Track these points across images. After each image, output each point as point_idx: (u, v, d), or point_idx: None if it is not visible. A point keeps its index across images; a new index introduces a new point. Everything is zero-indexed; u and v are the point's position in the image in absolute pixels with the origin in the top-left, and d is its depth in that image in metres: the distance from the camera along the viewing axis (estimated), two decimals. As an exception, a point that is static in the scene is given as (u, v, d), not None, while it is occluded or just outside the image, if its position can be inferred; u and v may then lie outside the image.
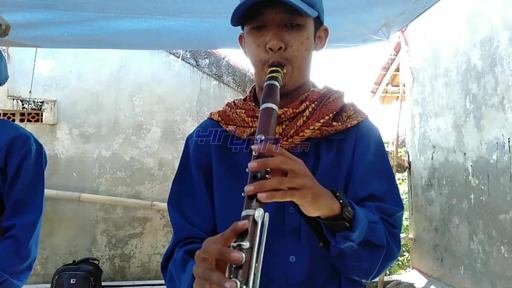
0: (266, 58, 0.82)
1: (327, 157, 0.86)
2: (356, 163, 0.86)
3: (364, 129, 0.90)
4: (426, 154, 3.79)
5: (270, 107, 0.72)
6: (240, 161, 0.88)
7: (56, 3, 1.44)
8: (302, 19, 0.81)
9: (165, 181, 3.78)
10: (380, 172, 0.86)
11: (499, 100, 2.78)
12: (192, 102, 3.90)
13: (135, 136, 3.80)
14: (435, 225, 3.65)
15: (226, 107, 0.97)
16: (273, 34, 0.80)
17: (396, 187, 0.88)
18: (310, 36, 0.85)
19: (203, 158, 0.92)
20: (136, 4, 1.52)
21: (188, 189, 0.91)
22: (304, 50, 0.83)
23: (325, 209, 0.68)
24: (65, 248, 3.62)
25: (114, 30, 1.67)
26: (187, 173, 0.93)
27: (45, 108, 3.64)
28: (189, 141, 0.97)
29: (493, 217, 2.86)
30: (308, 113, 0.86)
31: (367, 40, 2.20)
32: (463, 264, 3.22)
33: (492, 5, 2.80)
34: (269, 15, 0.80)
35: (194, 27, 1.81)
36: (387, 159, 0.90)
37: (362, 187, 0.83)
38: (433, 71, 3.63)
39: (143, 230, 3.74)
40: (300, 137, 0.85)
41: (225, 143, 0.92)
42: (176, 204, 0.91)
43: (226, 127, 0.92)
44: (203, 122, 1.00)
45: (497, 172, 2.81)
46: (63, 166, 3.66)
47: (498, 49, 2.76)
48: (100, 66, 3.79)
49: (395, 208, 0.82)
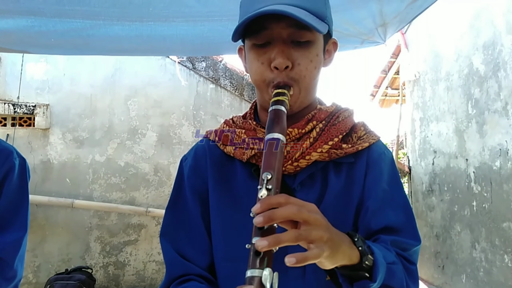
0: (271, 78, 0.73)
1: (336, 183, 0.78)
2: (369, 191, 0.77)
3: (376, 152, 0.81)
4: (427, 159, 3.72)
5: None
6: (240, 187, 0.80)
7: (42, 10, 1.36)
8: (311, 35, 0.72)
9: (161, 187, 3.70)
10: (395, 202, 0.78)
11: (502, 106, 2.71)
12: (189, 106, 3.82)
13: (130, 141, 3.71)
14: (436, 232, 3.59)
15: (224, 126, 0.88)
16: (279, 51, 0.71)
17: (413, 218, 0.79)
18: (319, 52, 0.76)
19: (199, 183, 0.83)
20: (126, 11, 1.44)
21: (182, 218, 0.83)
22: (313, 69, 0.74)
23: (344, 260, 0.60)
24: (58, 256, 3.53)
25: (104, 37, 1.59)
26: (181, 200, 0.84)
27: (38, 112, 3.55)
28: (184, 164, 0.88)
29: (496, 225, 2.79)
30: (315, 133, 0.77)
31: (365, 41, 2.13)
32: (465, 272, 3.15)
33: (495, 8, 2.73)
34: (274, 30, 0.71)
35: (188, 31, 1.73)
36: (401, 186, 0.82)
37: (376, 218, 0.75)
38: (434, 75, 3.57)
39: (138, 237, 3.66)
40: (306, 161, 0.76)
41: (223, 166, 0.83)
42: (169, 236, 0.82)
43: (224, 148, 0.83)
44: (198, 143, 0.91)
45: (500, 179, 2.74)
46: (56, 171, 3.58)
47: (502, 53, 2.69)
48: (94, 69, 3.70)
49: (412, 242, 0.75)
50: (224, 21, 1.64)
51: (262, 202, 0.54)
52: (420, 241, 0.77)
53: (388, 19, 1.86)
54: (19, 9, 1.40)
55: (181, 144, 3.76)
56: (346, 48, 2.26)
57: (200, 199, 0.82)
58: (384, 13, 1.79)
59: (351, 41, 2.10)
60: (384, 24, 1.92)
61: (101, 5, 1.43)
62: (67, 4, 1.33)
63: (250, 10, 0.70)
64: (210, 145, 0.87)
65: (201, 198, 0.82)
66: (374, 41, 2.11)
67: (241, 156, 0.80)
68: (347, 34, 1.99)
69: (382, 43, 2.12)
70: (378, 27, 1.96)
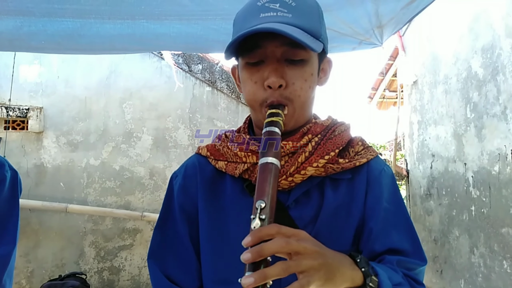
0: (264, 97, 0.71)
1: (333, 200, 0.75)
2: (371, 211, 0.75)
3: (376, 170, 0.78)
4: (425, 162, 3.69)
5: (270, 163, 0.61)
6: (230, 204, 0.77)
7: (31, 9, 1.32)
8: (306, 53, 0.70)
9: (156, 191, 3.66)
10: (398, 221, 0.75)
11: (501, 110, 2.68)
12: (185, 109, 3.78)
13: (125, 144, 3.67)
14: (434, 236, 3.56)
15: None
16: (272, 69, 0.69)
17: (417, 238, 0.77)
18: (314, 71, 0.73)
19: (188, 203, 0.81)
20: (118, 9, 1.40)
21: (170, 239, 0.80)
22: (308, 88, 0.72)
23: (346, 282, 0.58)
24: (52, 261, 3.48)
25: (95, 35, 1.56)
26: (170, 220, 0.81)
27: (31, 116, 3.50)
28: (173, 181, 0.85)
29: (495, 230, 2.76)
30: (310, 147, 0.75)
31: (362, 43, 2.10)
32: (464, 277, 3.12)
33: (494, 12, 2.71)
34: (268, 48, 0.69)
35: (181, 29, 1.70)
36: (403, 203, 0.79)
37: (380, 240, 0.72)
38: (432, 78, 3.54)
39: (133, 242, 3.61)
40: (301, 176, 0.73)
41: (213, 182, 0.80)
42: (156, 258, 0.79)
43: (216, 163, 0.81)
44: (189, 159, 0.88)
45: (499, 184, 2.72)
46: (50, 175, 3.52)
47: (500, 57, 2.67)
48: (89, 72, 3.65)
49: (418, 262, 0.73)
50: (218, 20, 1.62)
51: (252, 234, 0.52)
52: (426, 261, 0.75)
53: (384, 20, 1.83)
54: (6, 9, 1.36)
55: (177, 147, 3.72)
56: (344, 48, 2.23)
57: (189, 219, 0.80)
58: (380, 14, 1.77)
59: (348, 41, 2.08)
60: (381, 26, 1.90)
61: (92, 3, 1.40)
62: (57, 3, 1.30)
63: (243, 28, 0.67)
64: (201, 161, 0.84)
65: (190, 218, 0.80)
66: (371, 42, 2.09)
67: (233, 171, 0.77)
68: (343, 33, 1.97)
69: (379, 45, 2.10)
70: (375, 29, 1.94)
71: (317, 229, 0.73)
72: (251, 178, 0.76)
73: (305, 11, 0.70)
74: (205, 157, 0.84)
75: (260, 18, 0.68)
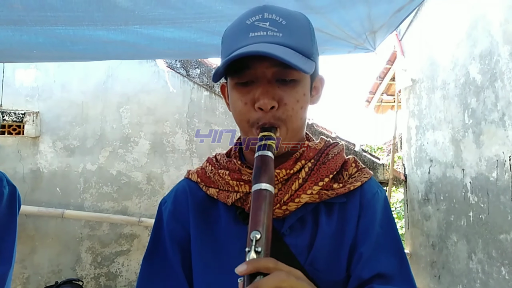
0: (255, 119, 0.68)
1: (328, 226, 0.74)
2: (363, 236, 0.73)
3: (369, 193, 0.77)
4: (423, 167, 3.69)
5: (264, 189, 0.58)
6: (223, 232, 0.74)
7: (23, 18, 1.30)
8: (298, 73, 0.68)
9: (154, 196, 3.63)
10: (389, 246, 0.74)
11: (499, 116, 2.68)
12: (182, 114, 3.76)
13: (122, 149, 3.64)
14: (432, 241, 3.56)
15: (206, 165, 0.82)
16: (263, 91, 0.66)
17: (406, 263, 0.75)
18: (306, 91, 0.71)
19: (179, 230, 0.78)
20: (111, 15, 1.38)
21: (160, 269, 0.77)
22: (300, 109, 0.70)
23: None
24: (48, 267, 3.45)
25: (88, 43, 1.53)
26: (160, 249, 0.78)
27: (27, 120, 3.47)
28: (163, 207, 0.83)
29: (493, 236, 2.76)
30: (304, 174, 0.73)
31: (358, 47, 2.09)
32: (462, 283, 3.12)
33: (492, 18, 2.71)
34: (258, 69, 0.67)
35: (174, 33, 1.68)
36: (395, 227, 0.78)
37: (369, 265, 0.70)
38: (430, 83, 3.54)
39: (130, 247, 3.59)
40: (296, 204, 0.71)
41: (205, 209, 0.77)
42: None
43: (207, 190, 0.78)
44: (178, 184, 0.85)
45: (497, 190, 2.72)
46: (46, 181, 3.49)
47: (499, 63, 2.67)
48: (86, 76, 3.63)
49: None
50: (211, 22, 1.61)
51: (248, 263, 0.50)
52: (415, 287, 0.73)
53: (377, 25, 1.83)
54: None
55: (174, 152, 3.70)
56: (337, 51, 2.22)
57: (180, 247, 0.77)
58: (372, 17, 1.76)
59: (341, 44, 2.07)
60: (373, 31, 1.90)
61: (85, 10, 1.37)
62: (49, 11, 1.27)
63: (232, 48, 0.65)
64: (191, 187, 0.81)
65: (182, 246, 0.77)
66: (364, 47, 2.08)
67: (226, 199, 0.75)
68: (336, 36, 1.96)
69: (372, 51, 2.09)
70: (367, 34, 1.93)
71: (313, 256, 0.71)
72: (244, 206, 0.74)
73: (295, 29, 0.68)
74: (195, 182, 0.81)
75: (250, 37, 0.65)
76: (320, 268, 0.62)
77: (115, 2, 1.32)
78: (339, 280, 0.71)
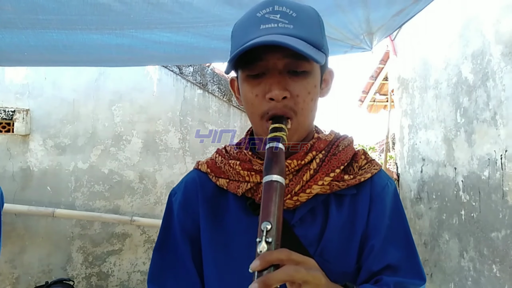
0: (266, 109, 0.68)
1: (338, 217, 0.74)
2: (373, 228, 0.74)
3: (379, 186, 0.77)
4: (415, 166, 3.72)
5: (275, 181, 0.58)
6: (233, 223, 0.74)
7: (13, 21, 1.26)
8: (309, 65, 0.68)
9: (146, 195, 3.60)
10: (398, 237, 0.75)
11: (491, 116, 2.71)
12: (175, 112, 3.73)
13: (114, 148, 3.61)
14: (424, 240, 3.58)
15: (216, 156, 0.82)
16: (275, 82, 0.66)
17: (416, 254, 0.76)
18: (317, 83, 0.71)
19: (189, 221, 0.77)
20: (105, 18, 1.35)
21: (171, 260, 0.76)
22: (311, 101, 0.70)
23: None
24: (38, 267, 3.40)
25: (81, 47, 1.50)
26: (170, 241, 0.78)
27: (17, 118, 3.41)
28: (173, 198, 0.82)
29: (485, 235, 2.79)
30: (315, 165, 0.73)
31: (354, 47, 2.10)
32: (453, 281, 3.14)
33: (484, 18, 2.73)
34: (270, 60, 0.66)
35: (171, 38, 1.66)
36: (405, 219, 0.78)
37: (380, 258, 0.71)
38: (423, 83, 3.57)
39: (122, 246, 3.55)
40: (307, 195, 0.71)
41: (215, 200, 0.77)
42: (157, 282, 0.76)
43: (217, 180, 0.78)
44: (188, 174, 0.85)
45: (488, 189, 2.74)
46: (36, 179, 3.44)
47: (490, 63, 2.69)
48: (77, 74, 3.58)
49: (416, 281, 0.71)
50: (209, 27, 1.59)
51: (261, 259, 0.50)
52: (425, 279, 0.74)
53: (375, 27, 1.84)
54: (-15, 21, 1.30)
55: (167, 150, 3.68)
56: (335, 52, 2.23)
57: (190, 239, 0.76)
58: (370, 20, 1.77)
59: (339, 45, 2.08)
60: (371, 32, 1.90)
61: (78, 13, 1.34)
62: (41, 13, 1.24)
63: (243, 41, 0.65)
64: (201, 177, 0.81)
65: (192, 238, 0.76)
66: (361, 47, 2.09)
67: (236, 190, 0.75)
68: (334, 38, 1.97)
69: (369, 50, 2.10)
70: (365, 35, 1.94)
71: (322, 248, 0.71)
72: (255, 197, 0.74)
73: (306, 21, 0.68)
74: (205, 173, 0.81)
75: (261, 29, 0.65)
76: (330, 259, 0.62)
77: (109, 6, 1.29)
78: (349, 271, 0.71)
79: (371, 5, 1.55)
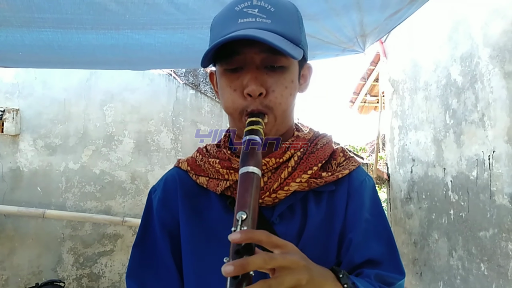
0: (244, 106, 0.68)
1: (317, 214, 0.75)
2: (351, 222, 0.74)
3: (357, 181, 0.78)
4: (406, 167, 3.77)
5: (251, 172, 0.58)
6: (214, 220, 0.74)
7: (8, 19, 1.25)
8: (286, 60, 0.68)
9: (138, 195, 3.59)
10: (378, 232, 0.75)
11: (479, 117, 2.76)
12: (167, 112, 3.73)
13: (105, 148, 3.59)
14: (414, 239, 3.63)
15: (196, 154, 0.83)
16: (252, 77, 0.67)
17: (395, 249, 0.77)
18: (294, 78, 0.72)
19: (169, 217, 0.77)
20: (101, 18, 1.34)
21: (150, 256, 0.77)
22: (289, 95, 0.70)
23: None
24: (28, 269, 3.36)
25: (76, 47, 1.49)
26: (149, 236, 0.78)
27: (7, 118, 3.37)
28: (153, 195, 0.82)
29: (473, 234, 2.84)
30: (293, 162, 0.74)
31: (346, 50, 2.12)
32: (443, 279, 3.19)
33: (473, 21, 2.79)
34: (247, 54, 0.67)
35: (166, 39, 1.66)
36: (383, 214, 0.80)
37: (359, 251, 0.72)
38: (412, 84, 3.62)
39: (114, 247, 3.53)
40: (285, 192, 0.72)
41: (195, 198, 0.78)
42: (136, 277, 0.76)
43: (197, 178, 0.79)
44: (168, 172, 0.85)
45: (477, 189, 2.79)
46: (26, 180, 3.41)
47: (479, 65, 2.75)
48: (68, 73, 3.55)
49: (395, 276, 0.72)
50: (204, 28, 1.59)
51: (244, 233, 0.50)
52: (404, 274, 0.75)
53: (368, 29, 1.86)
54: (-21, 19, 1.29)
55: (159, 151, 3.67)
56: (327, 55, 2.25)
57: (170, 234, 0.77)
58: (364, 23, 1.79)
59: (332, 48, 2.10)
60: (364, 35, 1.93)
61: (74, 12, 1.33)
62: (36, 12, 1.23)
63: (221, 34, 0.65)
64: (181, 175, 0.81)
65: (171, 234, 0.76)
66: (354, 50, 2.12)
67: (215, 188, 0.75)
68: (327, 41, 1.98)
69: (361, 52, 2.13)
70: (358, 37, 1.96)
71: (303, 244, 0.72)
72: (234, 195, 0.74)
73: (284, 17, 0.68)
74: (185, 171, 0.82)
75: (238, 23, 0.66)
76: (310, 256, 0.63)
77: (105, 6, 1.29)
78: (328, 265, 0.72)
79: (365, 8, 1.57)
